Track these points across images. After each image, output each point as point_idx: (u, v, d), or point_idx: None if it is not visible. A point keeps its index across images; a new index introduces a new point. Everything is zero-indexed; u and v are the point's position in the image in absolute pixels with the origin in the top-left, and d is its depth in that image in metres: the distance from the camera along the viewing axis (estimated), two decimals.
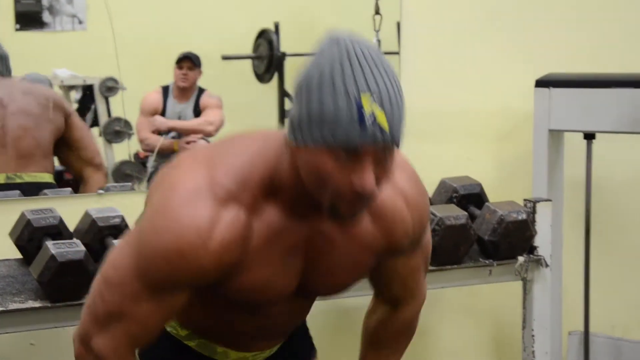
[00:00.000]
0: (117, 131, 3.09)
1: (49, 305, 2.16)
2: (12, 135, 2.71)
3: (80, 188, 2.87)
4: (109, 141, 3.07)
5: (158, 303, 1.53)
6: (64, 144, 2.83)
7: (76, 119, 2.88)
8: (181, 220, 1.46)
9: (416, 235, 1.69)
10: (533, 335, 2.81)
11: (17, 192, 2.64)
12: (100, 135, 3.06)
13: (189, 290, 1.54)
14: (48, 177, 2.78)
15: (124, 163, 3.07)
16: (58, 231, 2.27)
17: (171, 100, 3.18)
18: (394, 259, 1.72)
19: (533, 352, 2.81)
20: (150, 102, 3.17)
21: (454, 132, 3.14)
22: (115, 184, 2.82)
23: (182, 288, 1.53)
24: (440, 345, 3.21)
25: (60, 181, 2.86)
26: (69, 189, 2.73)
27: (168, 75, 3.16)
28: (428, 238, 1.77)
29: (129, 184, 2.87)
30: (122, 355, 1.55)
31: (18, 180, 2.72)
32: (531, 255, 2.78)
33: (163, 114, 3.18)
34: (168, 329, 1.75)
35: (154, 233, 1.49)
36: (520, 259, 2.75)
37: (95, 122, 3.08)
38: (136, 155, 3.14)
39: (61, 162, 2.89)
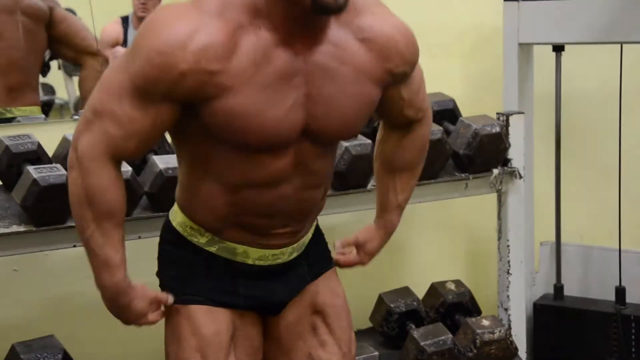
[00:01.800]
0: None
1: (34, 229, 2.15)
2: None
3: (80, 76, 2.88)
4: (69, 74, 3.02)
5: (142, 110, 1.63)
6: (55, 41, 2.77)
7: (59, 11, 2.80)
8: (166, 26, 1.60)
9: (411, 56, 1.80)
10: (508, 246, 2.88)
11: None
12: (59, 68, 3.00)
13: (173, 105, 1.63)
14: (37, 110, 2.74)
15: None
16: (37, 157, 2.25)
17: (132, 31, 3.13)
18: (396, 88, 1.83)
19: (509, 261, 2.88)
20: (110, 33, 3.11)
21: (425, 49, 3.11)
22: None
23: (164, 97, 1.62)
24: (417, 260, 3.27)
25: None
26: (43, 115, 2.69)
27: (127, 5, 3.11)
28: (419, 65, 1.89)
29: None
30: (99, 155, 1.65)
31: (8, 115, 2.67)
32: (505, 168, 2.83)
33: (124, 44, 3.13)
34: (189, 238, 1.81)
35: (141, 38, 1.62)
36: (495, 171, 2.80)
37: (54, 55, 3.02)
38: None
39: (58, 56, 2.86)
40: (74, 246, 2.26)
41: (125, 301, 1.76)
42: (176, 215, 1.84)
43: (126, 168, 2.24)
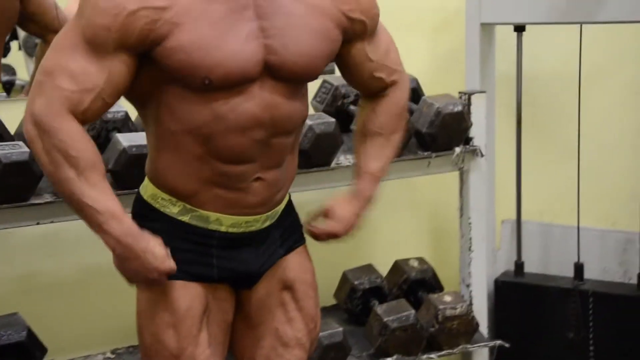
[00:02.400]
0: (37, 44, 3.02)
1: None
2: None
3: (38, 52, 2.84)
4: (30, 55, 3.00)
5: (96, 64, 1.63)
6: (25, 19, 2.74)
7: None
8: None
9: (367, 4, 1.85)
10: (470, 223, 2.93)
11: None
12: (20, 49, 2.97)
13: (127, 56, 1.64)
14: None
15: None
16: None
17: None
18: (360, 44, 1.86)
19: (470, 239, 2.93)
20: (73, 12, 3.09)
21: (389, 28, 3.16)
22: None
23: (117, 46, 1.63)
24: (381, 238, 3.30)
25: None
26: (4, 93, 2.67)
27: None
28: (384, 28, 1.93)
29: None
30: (57, 112, 1.62)
31: None
32: (467, 146, 2.87)
33: None
34: (162, 209, 1.80)
35: None
36: (457, 149, 2.84)
37: (14, 36, 3.00)
38: None
39: (28, 32, 2.84)
40: (37, 224, 2.26)
41: (143, 245, 1.69)
42: (147, 189, 1.83)
43: (24, 149, 2.17)
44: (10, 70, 2.93)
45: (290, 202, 1.98)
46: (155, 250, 1.70)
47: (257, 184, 1.80)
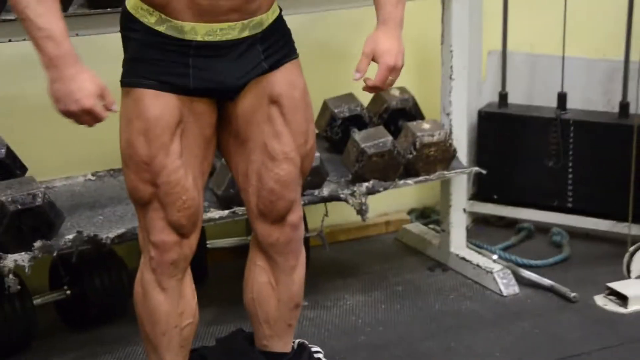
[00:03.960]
0: None
1: None
2: None
3: None
4: None
5: None
6: None
7: None
8: None
9: None
10: (451, 52, 3.00)
11: None
12: None
13: None
14: None
15: None
16: None
17: None
18: None
19: (451, 67, 3.01)
20: None
21: None
22: None
23: None
24: None
25: None
26: None
27: None
28: None
29: None
30: None
31: None
32: None
33: None
34: (141, 19, 1.90)
35: None
36: None
37: None
38: None
39: None
40: (9, 40, 2.35)
41: (71, 71, 1.78)
42: (129, 0, 1.94)
43: None
44: None
45: (280, 18, 2.04)
46: (84, 84, 1.80)
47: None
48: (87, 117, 1.83)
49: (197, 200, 2.02)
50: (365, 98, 3.14)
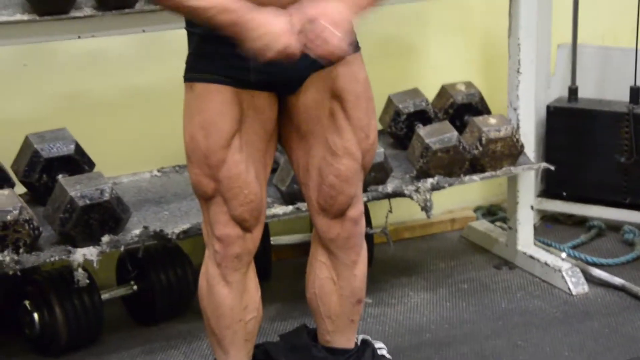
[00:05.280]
0: None
1: (37, 18, 2.34)
2: None
3: None
4: None
5: None
6: None
7: None
8: None
9: None
10: (519, 45, 3.02)
11: None
12: None
13: None
14: None
15: None
16: None
17: None
18: None
19: (519, 60, 3.03)
20: None
21: None
22: None
23: None
24: (429, 62, 3.43)
25: None
26: None
27: None
28: None
29: None
30: None
31: None
32: None
33: None
34: None
35: None
36: None
37: None
38: None
39: None
40: (79, 37, 2.46)
41: (259, 23, 1.85)
42: None
43: None
44: None
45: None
46: (274, 27, 1.84)
47: None
48: (287, 55, 1.88)
49: (259, 195, 2.10)
50: (431, 93, 3.19)
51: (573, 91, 3.35)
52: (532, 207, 3.16)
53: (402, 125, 3.11)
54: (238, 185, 2.06)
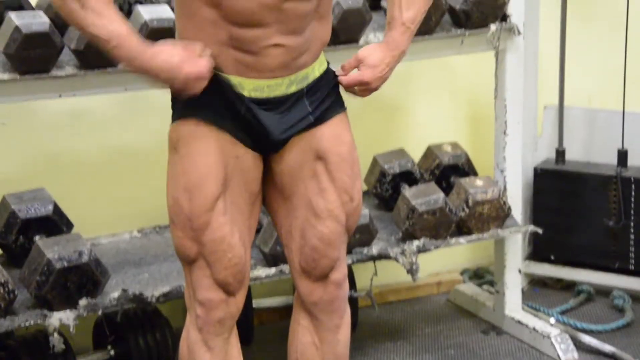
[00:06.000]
0: None
1: (18, 77, 2.34)
2: None
3: None
4: None
5: None
6: None
7: None
8: None
9: None
10: (505, 106, 3.05)
11: None
12: None
13: None
14: None
15: None
16: (19, 5, 2.42)
17: None
18: None
19: (505, 122, 3.05)
20: None
21: None
22: None
23: None
24: (414, 122, 3.45)
25: None
26: None
27: None
28: None
29: None
30: None
31: None
32: (504, 23, 2.96)
33: None
34: None
35: None
36: (493, 27, 2.93)
37: None
38: None
39: None
40: (60, 96, 2.46)
41: (157, 62, 1.87)
42: None
43: (45, 19, 2.34)
44: None
45: (328, 70, 2.10)
46: (170, 57, 1.87)
47: (275, 49, 1.96)
48: (196, 80, 1.90)
49: (243, 258, 2.08)
50: (417, 153, 3.20)
51: (560, 153, 3.38)
52: (519, 271, 3.15)
53: (387, 186, 3.11)
54: (222, 248, 2.04)
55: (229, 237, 2.05)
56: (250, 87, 1.99)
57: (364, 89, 2.12)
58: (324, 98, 2.09)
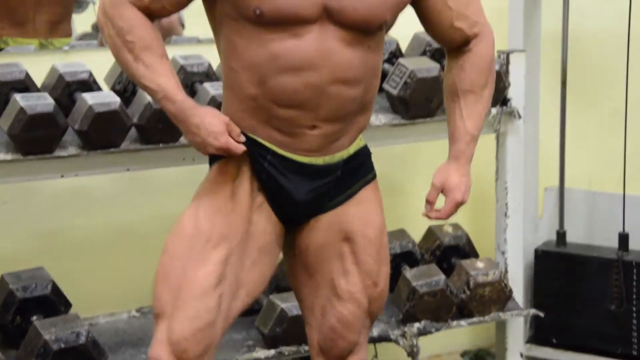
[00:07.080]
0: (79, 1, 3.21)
1: (21, 158, 2.37)
2: None
3: None
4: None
5: None
6: None
7: None
8: None
9: None
10: (506, 188, 3.09)
11: None
12: None
13: None
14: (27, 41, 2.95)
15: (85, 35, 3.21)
16: (25, 86, 2.47)
17: None
18: None
19: (506, 204, 3.09)
20: None
21: None
22: (81, 41, 2.97)
23: None
24: (415, 203, 3.46)
25: None
26: (33, 46, 2.90)
27: None
28: None
29: (95, 41, 3.03)
30: (118, 2, 1.92)
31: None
32: (504, 107, 3.02)
33: None
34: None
35: None
36: (493, 110, 2.99)
37: None
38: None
39: None
40: (62, 176, 2.49)
41: (196, 121, 1.95)
42: None
43: (114, 99, 2.46)
44: None
45: (365, 148, 2.13)
46: (211, 127, 1.94)
47: (313, 132, 1.99)
48: (226, 152, 1.97)
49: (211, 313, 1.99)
50: (418, 234, 3.22)
51: (561, 235, 3.39)
52: (521, 354, 3.15)
53: None
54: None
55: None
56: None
57: (458, 208, 2.22)
58: (355, 172, 2.11)
